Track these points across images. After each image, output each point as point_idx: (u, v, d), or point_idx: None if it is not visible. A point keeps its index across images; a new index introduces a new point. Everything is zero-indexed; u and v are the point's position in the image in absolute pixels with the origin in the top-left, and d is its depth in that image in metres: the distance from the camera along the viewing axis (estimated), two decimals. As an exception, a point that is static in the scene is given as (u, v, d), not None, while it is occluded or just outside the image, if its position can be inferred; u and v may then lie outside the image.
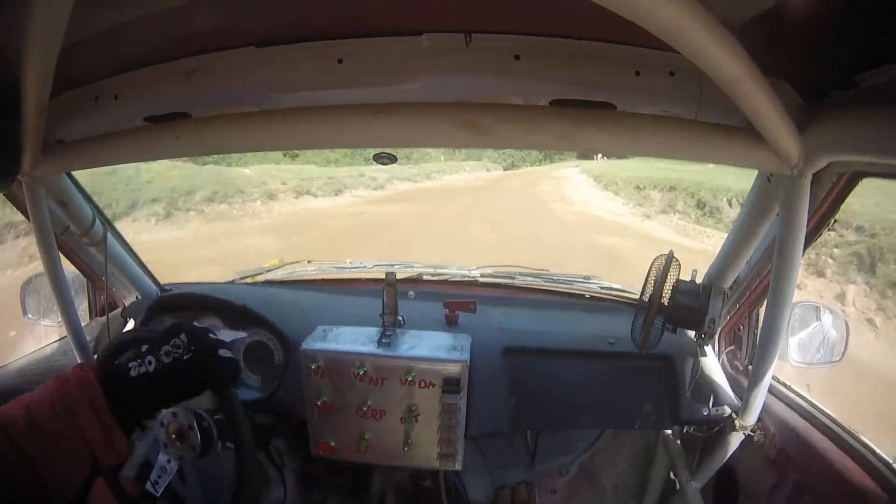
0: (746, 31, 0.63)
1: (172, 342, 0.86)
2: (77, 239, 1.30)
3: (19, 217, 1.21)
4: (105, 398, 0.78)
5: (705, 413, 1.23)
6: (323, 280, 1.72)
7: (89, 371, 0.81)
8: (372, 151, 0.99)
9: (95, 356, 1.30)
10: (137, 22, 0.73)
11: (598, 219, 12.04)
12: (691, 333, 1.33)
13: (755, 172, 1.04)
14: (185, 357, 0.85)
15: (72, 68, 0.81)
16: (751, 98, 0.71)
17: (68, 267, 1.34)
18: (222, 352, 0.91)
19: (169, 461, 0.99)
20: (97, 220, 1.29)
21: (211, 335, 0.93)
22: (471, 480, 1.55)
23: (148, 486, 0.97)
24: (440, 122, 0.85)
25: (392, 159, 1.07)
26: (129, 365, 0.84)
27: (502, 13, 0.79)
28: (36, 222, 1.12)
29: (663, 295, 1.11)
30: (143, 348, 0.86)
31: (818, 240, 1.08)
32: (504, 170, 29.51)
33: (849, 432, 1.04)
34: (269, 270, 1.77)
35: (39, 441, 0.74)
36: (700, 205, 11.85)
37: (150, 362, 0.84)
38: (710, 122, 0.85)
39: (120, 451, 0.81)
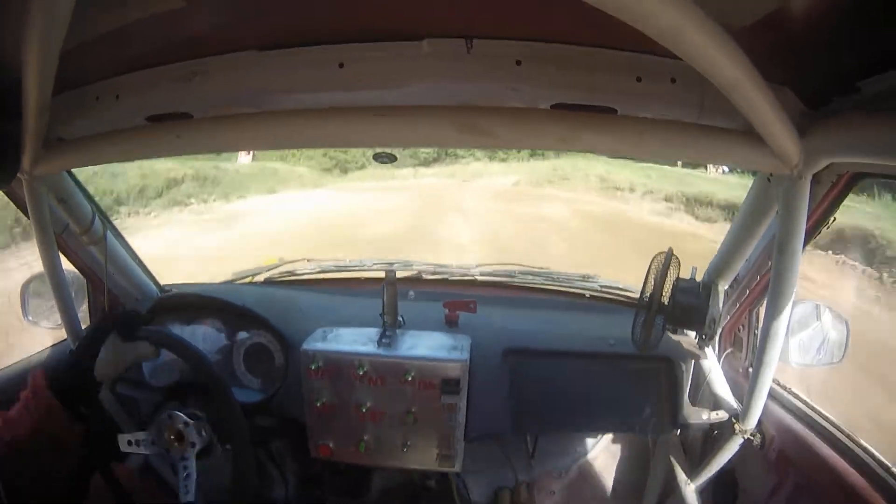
0: (748, 37, 0.63)
1: None
2: (77, 238, 1.29)
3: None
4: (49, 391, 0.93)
5: (705, 417, 1.22)
6: (322, 279, 1.72)
7: (40, 375, 0.96)
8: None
9: None
10: (140, 24, 0.74)
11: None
12: (692, 334, 1.32)
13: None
14: None
15: (74, 69, 0.81)
16: (752, 103, 0.71)
17: (68, 268, 1.34)
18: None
19: (186, 467, 1.00)
20: (97, 218, 1.29)
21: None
22: (470, 481, 1.55)
23: (183, 498, 0.99)
24: (442, 124, 0.85)
25: (392, 158, 1.07)
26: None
27: (503, 19, 0.79)
28: (36, 220, 1.12)
29: (663, 294, 1.10)
30: None
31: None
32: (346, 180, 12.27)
33: (848, 436, 1.04)
34: (268, 270, 1.76)
35: (16, 441, 0.90)
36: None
37: None
38: (711, 126, 0.85)
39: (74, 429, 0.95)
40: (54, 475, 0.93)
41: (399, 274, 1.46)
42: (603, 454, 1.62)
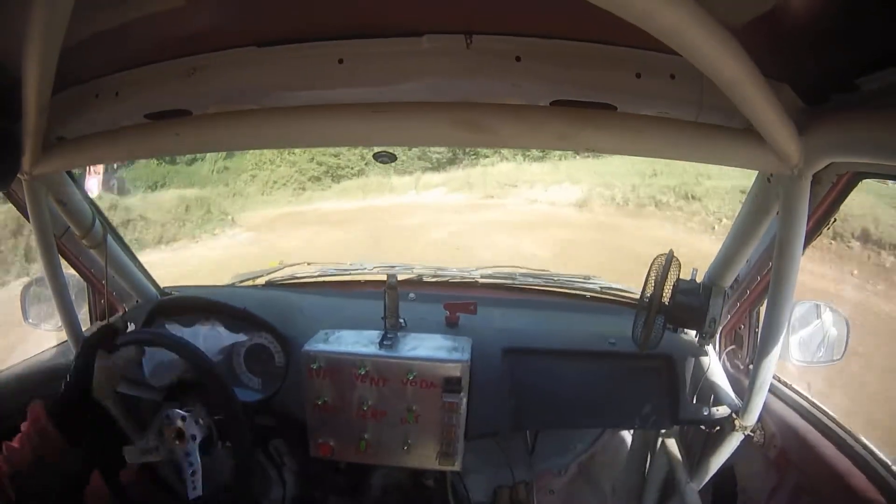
0: (747, 33, 0.63)
1: None
2: (77, 242, 1.29)
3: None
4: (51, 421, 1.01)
5: (705, 413, 1.22)
6: (323, 282, 1.72)
7: (39, 408, 1.04)
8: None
9: None
10: (139, 21, 0.74)
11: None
12: (692, 333, 1.32)
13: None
14: None
15: (73, 66, 0.82)
16: (751, 100, 0.71)
17: (68, 271, 1.33)
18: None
19: (190, 463, 1.01)
20: (97, 221, 1.29)
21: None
22: (470, 480, 1.55)
23: (191, 494, 1.01)
24: (440, 121, 0.86)
25: (391, 158, 1.07)
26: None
27: (503, 15, 0.80)
28: (36, 222, 1.11)
29: (664, 294, 1.10)
30: None
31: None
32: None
33: (849, 434, 1.04)
34: (269, 273, 1.76)
35: (17, 471, 0.97)
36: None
37: None
38: (711, 124, 0.85)
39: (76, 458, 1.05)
40: (52, 495, 1.00)
41: (400, 277, 1.46)
42: (602, 452, 1.62)
